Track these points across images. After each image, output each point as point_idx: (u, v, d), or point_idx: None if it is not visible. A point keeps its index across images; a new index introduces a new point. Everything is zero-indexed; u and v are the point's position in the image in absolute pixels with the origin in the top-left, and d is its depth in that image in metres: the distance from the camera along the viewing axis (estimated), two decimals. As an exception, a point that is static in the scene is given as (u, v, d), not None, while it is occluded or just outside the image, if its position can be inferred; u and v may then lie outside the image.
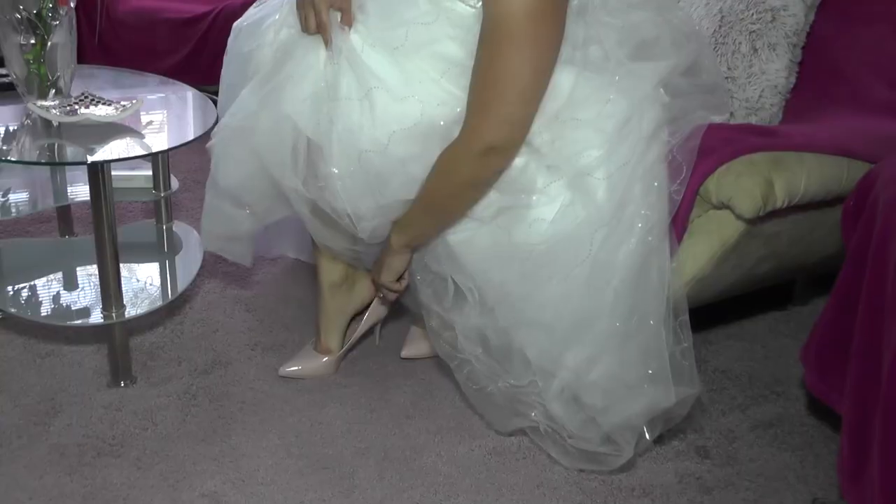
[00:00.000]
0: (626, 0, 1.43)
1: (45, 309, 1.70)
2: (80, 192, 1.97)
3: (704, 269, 1.48)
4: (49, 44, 1.69)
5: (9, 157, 1.54)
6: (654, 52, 1.42)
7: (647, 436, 1.45)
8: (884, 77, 1.73)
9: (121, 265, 1.62)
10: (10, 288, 1.76)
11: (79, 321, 1.67)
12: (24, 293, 1.76)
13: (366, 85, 1.32)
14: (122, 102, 1.70)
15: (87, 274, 1.83)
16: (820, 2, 1.78)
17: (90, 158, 1.52)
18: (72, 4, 1.72)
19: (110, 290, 1.60)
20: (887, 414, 1.13)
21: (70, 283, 1.81)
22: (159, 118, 1.76)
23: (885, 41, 1.74)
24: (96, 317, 1.66)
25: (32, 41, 1.68)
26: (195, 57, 3.03)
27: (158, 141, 1.63)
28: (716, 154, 1.41)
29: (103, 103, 1.69)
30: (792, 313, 2.03)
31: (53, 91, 1.71)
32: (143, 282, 1.79)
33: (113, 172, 1.57)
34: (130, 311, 1.64)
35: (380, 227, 1.43)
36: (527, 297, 1.37)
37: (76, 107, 1.66)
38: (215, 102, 1.84)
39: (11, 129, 1.72)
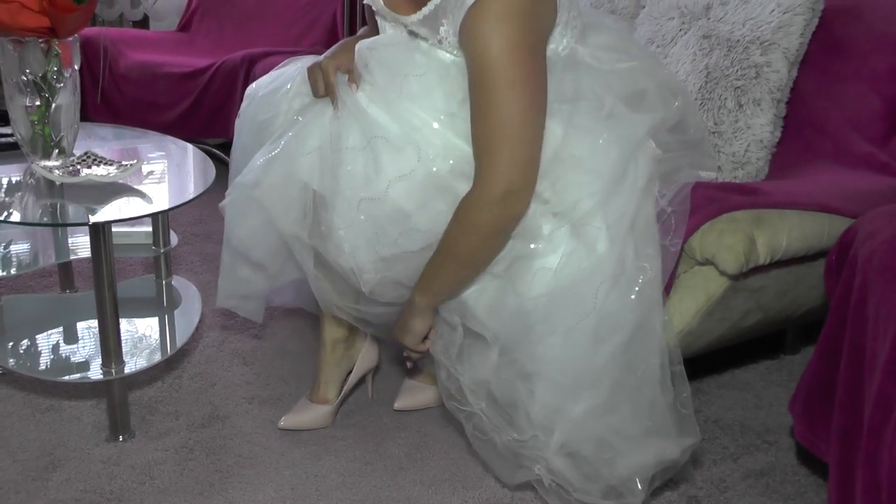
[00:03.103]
0: (615, 56, 1.47)
1: (45, 364, 1.72)
2: (81, 244, 2.01)
3: (692, 322, 1.50)
4: (53, 105, 1.74)
5: (12, 218, 1.57)
6: (643, 105, 1.44)
7: (639, 486, 1.46)
8: (864, 132, 1.77)
9: (121, 320, 1.65)
10: (10, 343, 1.79)
11: (78, 376, 1.68)
12: (25, 348, 1.78)
13: (369, 134, 1.36)
14: (124, 162, 1.74)
15: (87, 328, 1.85)
16: (802, 58, 1.83)
17: (92, 219, 1.55)
18: (76, 67, 1.77)
19: (110, 345, 1.62)
20: (869, 465, 1.15)
21: (70, 338, 1.83)
22: (159, 176, 1.80)
23: (864, 97, 1.78)
24: (96, 372, 1.68)
25: (38, 103, 1.73)
26: (196, 110, 3.09)
27: (158, 200, 1.67)
28: (699, 212, 1.44)
29: (105, 163, 1.73)
30: (783, 362, 2.05)
31: (57, 151, 1.76)
32: (142, 336, 1.81)
33: (113, 229, 1.60)
34: (130, 367, 1.66)
35: (382, 284, 1.44)
36: (530, 351, 1.37)
37: (78, 167, 1.70)
38: (213, 156, 1.90)
39: (15, 188, 1.75)
